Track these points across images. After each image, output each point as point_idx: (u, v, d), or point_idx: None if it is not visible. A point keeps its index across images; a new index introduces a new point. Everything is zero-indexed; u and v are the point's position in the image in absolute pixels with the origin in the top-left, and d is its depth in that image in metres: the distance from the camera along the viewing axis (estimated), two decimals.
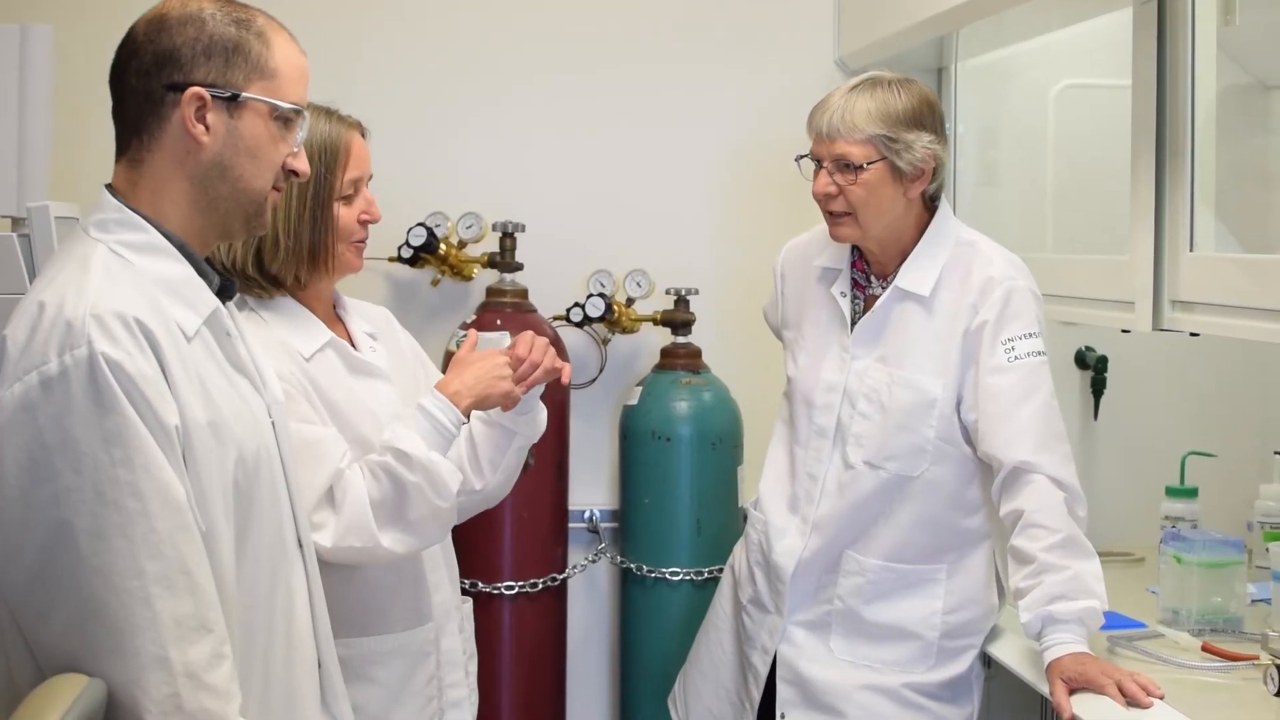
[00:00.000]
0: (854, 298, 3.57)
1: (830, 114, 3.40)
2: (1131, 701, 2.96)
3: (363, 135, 3.14)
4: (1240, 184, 3.52)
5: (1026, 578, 3.22)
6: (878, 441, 3.47)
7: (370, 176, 3.13)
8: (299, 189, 2.99)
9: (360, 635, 3.10)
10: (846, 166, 3.38)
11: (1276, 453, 3.63)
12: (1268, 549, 3.45)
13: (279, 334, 3.04)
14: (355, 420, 3.06)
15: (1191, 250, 3.31)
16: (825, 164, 3.41)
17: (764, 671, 3.62)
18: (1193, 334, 3.32)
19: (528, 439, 3.25)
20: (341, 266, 3.12)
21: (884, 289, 3.51)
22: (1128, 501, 3.19)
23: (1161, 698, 2.96)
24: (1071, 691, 3.05)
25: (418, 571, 3.19)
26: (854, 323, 3.53)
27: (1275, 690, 2.95)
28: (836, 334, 3.56)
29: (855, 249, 3.57)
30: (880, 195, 3.40)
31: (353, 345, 3.18)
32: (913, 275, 3.46)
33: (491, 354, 3.11)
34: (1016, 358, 3.36)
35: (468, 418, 3.06)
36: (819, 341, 3.60)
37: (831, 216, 3.45)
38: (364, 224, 3.11)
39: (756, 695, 3.65)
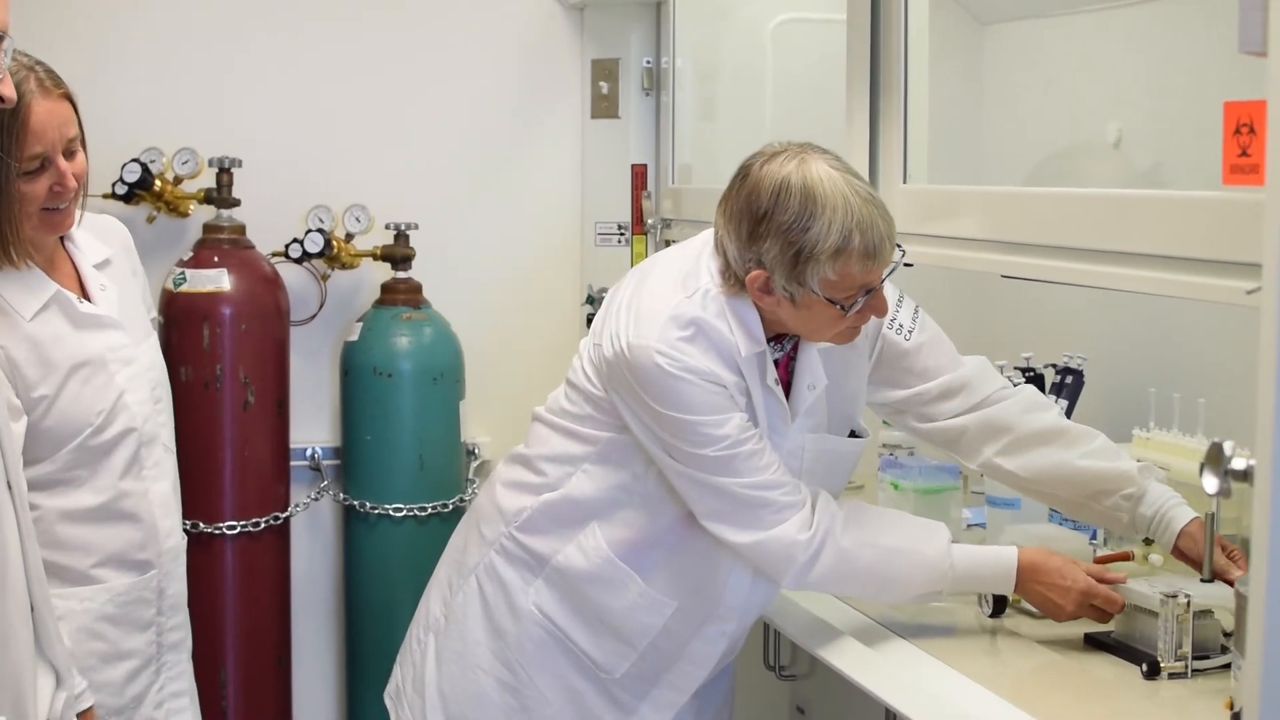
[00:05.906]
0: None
1: (887, 233, 2.83)
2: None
3: (69, 99, 2.99)
4: (952, 117, 3.59)
5: (1089, 453, 2.99)
6: None
7: (74, 137, 2.98)
8: None
9: (81, 585, 3.05)
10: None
11: None
12: (981, 474, 3.53)
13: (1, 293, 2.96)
14: (81, 378, 3.02)
15: (905, 182, 3.36)
16: (878, 285, 2.88)
17: None
18: (908, 264, 3.38)
19: None
20: (35, 240, 2.99)
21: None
22: None
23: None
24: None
25: (150, 520, 3.15)
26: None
27: (990, 611, 3.03)
28: (770, 420, 2.94)
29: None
30: None
31: (82, 287, 3.11)
32: (808, 368, 2.96)
33: None
34: (910, 332, 3.13)
35: None
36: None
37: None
38: (57, 194, 2.96)
39: None
